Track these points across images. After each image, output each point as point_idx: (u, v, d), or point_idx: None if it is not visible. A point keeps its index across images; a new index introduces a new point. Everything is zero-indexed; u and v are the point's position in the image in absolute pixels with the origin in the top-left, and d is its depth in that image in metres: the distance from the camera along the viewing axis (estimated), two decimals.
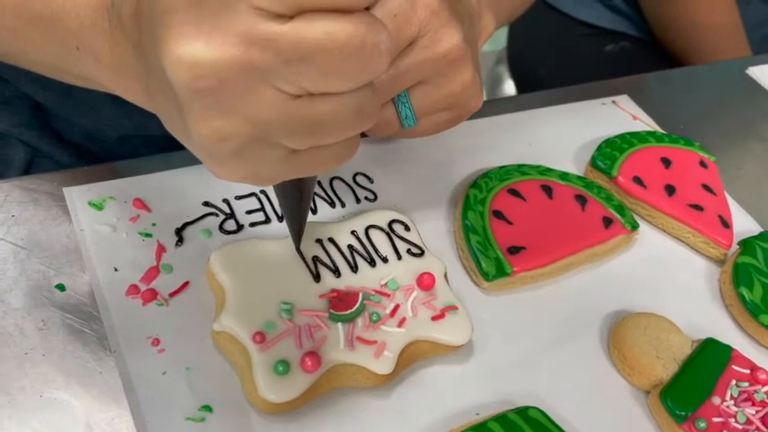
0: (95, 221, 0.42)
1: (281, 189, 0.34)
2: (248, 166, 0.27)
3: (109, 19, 0.31)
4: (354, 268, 0.41)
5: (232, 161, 0.27)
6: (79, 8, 0.32)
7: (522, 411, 0.37)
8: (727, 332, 0.45)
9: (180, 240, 0.42)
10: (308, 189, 0.34)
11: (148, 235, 0.42)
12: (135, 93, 0.32)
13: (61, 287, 0.39)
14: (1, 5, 0.35)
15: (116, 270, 0.40)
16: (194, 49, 0.24)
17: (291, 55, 0.24)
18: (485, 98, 0.44)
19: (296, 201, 0.35)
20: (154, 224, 0.42)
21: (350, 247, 0.42)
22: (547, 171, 0.50)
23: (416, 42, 0.38)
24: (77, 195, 0.43)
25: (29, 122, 0.56)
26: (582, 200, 0.49)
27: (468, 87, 0.39)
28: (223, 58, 0.24)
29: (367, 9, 0.24)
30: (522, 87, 1.07)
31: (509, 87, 1.18)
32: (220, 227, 0.43)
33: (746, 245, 0.48)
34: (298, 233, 0.37)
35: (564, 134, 0.56)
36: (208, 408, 0.35)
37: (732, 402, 0.39)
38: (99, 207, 0.43)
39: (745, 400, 0.39)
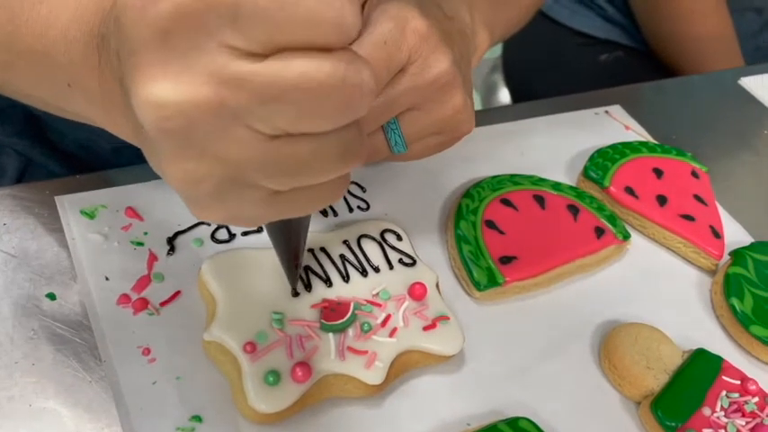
0: (87, 230, 0.42)
1: (271, 230, 0.33)
2: (228, 208, 0.26)
3: (99, 55, 0.30)
4: (346, 278, 0.41)
5: (210, 203, 0.26)
6: (70, 43, 0.31)
7: (513, 422, 0.37)
8: (718, 342, 0.45)
9: (171, 249, 0.42)
10: (298, 229, 0.33)
11: (140, 244, 0.42)
12: (124, 129, 0.31)
13: (52, 296, 0.39)
14: None
15: (107, 279, 0.40)
16: (161, 89, 0.23)
17: (265, 95, 0.23)
18: (480, 107, 0.44)
19: (287, 242, 0.33)
20: (146, 233, 0.42)
21: (342, 256, 0.42)
22: (539, 181, 0.51)
23: (406, 69, 0.37)
24: (69, 204, 0.43)
25: (22, 132, 0.56)
26: (574, 210, 0.49)
27: (458, 112, 0.39)
28: (191, 99, 0.23)
29: (351, 44, 0.23)
30: (516, 96, 1.07)
31: (504, 95, 1.19)
32: (212, 236, 0.43)
33: (737, 255, 0.48)
34: (293, 275, 0.36)
35: (556, 144, 0.56)
36: (198, 418, 0.35)
37: (722, 413, 0.39)
38: (91, 216, 0.43)
39: (736, 410, 0.39)
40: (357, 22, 0.23)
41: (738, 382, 0.41)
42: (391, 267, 0.42)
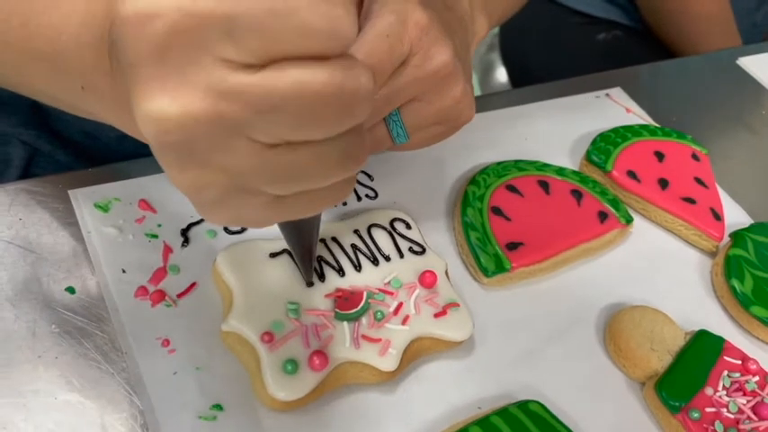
0: (102, 223, 0.42)
1: (283, 227, 0.34)
2: (233, 213, 0.27)
3: (110, 60, 0.30)
4: (358, 267, 0.41)
5: (215, 208, 0.27)
6: (82, 48, 0.31)
7: (523, 405, 0.38)
8: (719, 323, 0.46)
9: (186, 241, 0.43)
10: (309, 226, 0.34)
11: (154, 236, 0.43)
12: (137, 131, 0.32)
13: (71, 290, 0.39)
14: (4, 41, 0.35)
15: (124, 272, 0.41)
16: (160, 104, 0.23)
17: (262, 106, 0.23)
18: (477, 86, 0.44)
19: (299, 238, 0.34)
20: (159, 225, 0.43)
21: (353, 246, 0.42)
22: (543, 166, 0.51)
23: (408, 62, 0.37)
24: (83, 198, 0.43)
25: (27, 122, 0.56)
26: (578, 195, 0.50)
27: (459, 102, 0.39)
28: (190, 113, 0.23)
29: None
30: (514, 75, 1.08)
31: (501, 74, 1.19)
32: (225, 227, 0.44)
33: (737, 237, 0.49)
34: (307, 269, 0.37)
35: (559, 128, 0.57)
36: (219, 406, 0.36)
37: (724, 392, 0.40)
38: (105, 209, 0.43)
39: (737, 390, 0.41)
40: (353, 29, 0.23)
41: (739, 362, 0.42)
42: (402, 256, 0.43)
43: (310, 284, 0.40)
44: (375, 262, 0.42)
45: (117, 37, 0.25)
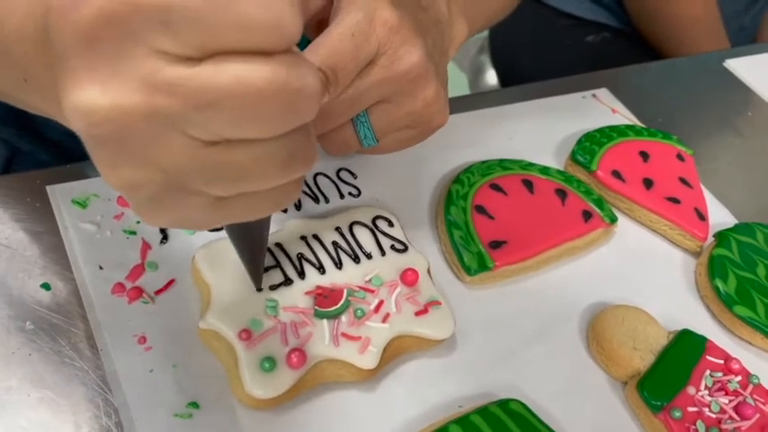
0: (79, 220, 0.42)
1: (229, 231, 0.32)
2: (171, 213, 0.25)
3: (49, 50, 0.29)
4: (339, 265, 0.41)
5: (152, 208, 0.25)
6: (23, 39, 0.30)
7: (504, 404, 0.38)
8: (703, 323, 0.46)
9: (164, 238, 0.42)
10: (256, 229, 0.32)
11: (133, 233, 0.42)
12: None
13: (47, 286, 0.39)
14: None
15: (101, 268, 0.40)
16: (89, 96, 0.22)
17: (200, 101, 0.22)
18: (467, 88, 0.44)
19: (246, 242, 0.33)
20: (138, 222, 0.43)
21: (334, 243, 0.42)
22: (528, 166, 0.51)
23: (375, 61, 0.36)
24: (60, 193, 0.43)
25: (7, 121, 0.55)
26: (562, 194, 0.50)
27: (430, 105, 0.38)
28: (120, 105, 0.22)
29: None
30: (503, 77, 1.08)
31: (491, 77, 1.19)
32: None
33: (722, 237, 0.49)
34: (255, 275, 0.36)
35: (544, 128, 0.57)
36: (195, 404, 0.36)
37: (706, 392, 0.40)
38: (83, 205, 0.43)
39: (719, 389, 0.40)
40: (298, 24, 0.22)
41: (722, 362, 0.42)
42: (383, 254, 0.42)
43: (259, 289, 0.38)
44: (356, 260, 0.42)
45: (48, 26, 0.23)
